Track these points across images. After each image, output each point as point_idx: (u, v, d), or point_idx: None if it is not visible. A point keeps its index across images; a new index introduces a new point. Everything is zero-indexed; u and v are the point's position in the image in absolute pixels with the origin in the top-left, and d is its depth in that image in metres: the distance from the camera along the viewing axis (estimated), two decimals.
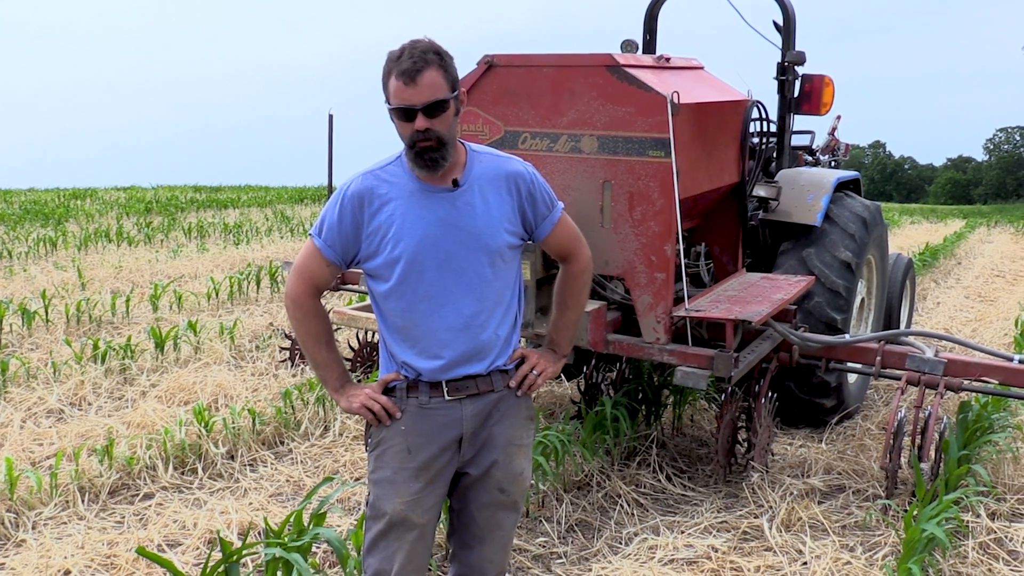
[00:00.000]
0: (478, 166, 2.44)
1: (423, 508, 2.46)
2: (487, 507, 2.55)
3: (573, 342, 2.73)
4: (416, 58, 2.24)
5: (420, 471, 2.44)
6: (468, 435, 2.47)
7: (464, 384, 2.44)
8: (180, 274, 10.43)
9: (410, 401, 2.45)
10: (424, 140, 2.29)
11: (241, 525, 4.04)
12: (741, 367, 4.12)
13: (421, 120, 2.27)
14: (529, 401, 2.60)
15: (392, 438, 2.46)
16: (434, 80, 2.26)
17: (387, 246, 2.37)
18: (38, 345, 7.05)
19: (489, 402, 2.48)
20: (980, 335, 8.29)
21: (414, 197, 2.38)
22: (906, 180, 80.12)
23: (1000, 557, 3.86)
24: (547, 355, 2.64)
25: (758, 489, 4.46)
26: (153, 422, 5.18)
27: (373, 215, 2.38)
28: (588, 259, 2.66)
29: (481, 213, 2.40)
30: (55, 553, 3.72)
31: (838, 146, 7.33)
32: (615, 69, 4.13)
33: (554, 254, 2.65)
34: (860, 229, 5.33)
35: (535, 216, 2.51)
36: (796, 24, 5.78)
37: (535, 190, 2.50)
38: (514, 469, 2.54)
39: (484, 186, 2.43)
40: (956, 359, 4.51)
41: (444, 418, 2.44)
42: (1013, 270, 13.11)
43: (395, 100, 2.28)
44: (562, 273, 2.68)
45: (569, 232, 2.61)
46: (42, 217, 15.22)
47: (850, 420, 5.61)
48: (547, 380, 2.60)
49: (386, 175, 2.42)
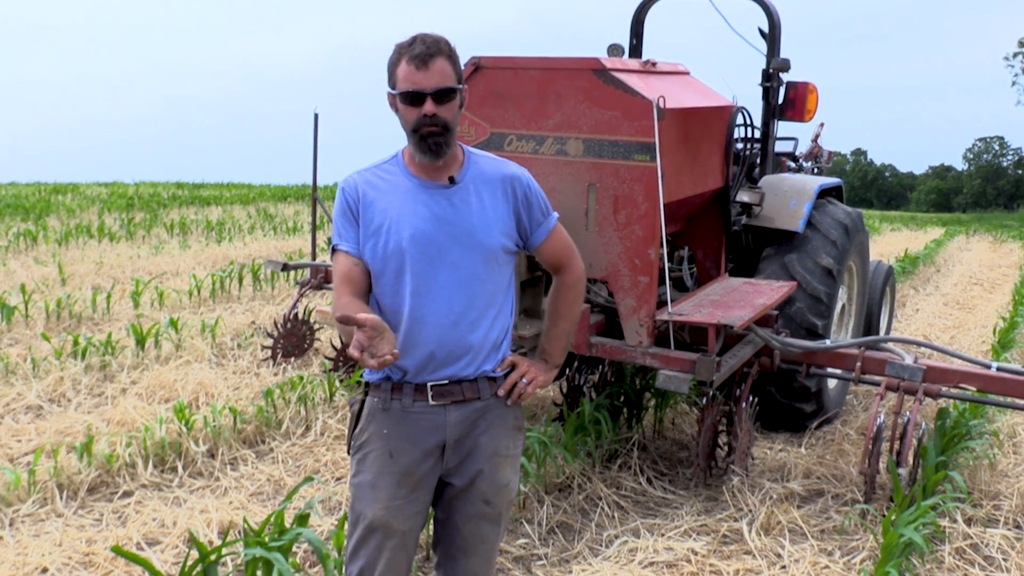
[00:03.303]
0: (475, 167, 2.45)
1: (405, 515, 2.43)
2: (471, 519, 2.51)
3: (566, 352, 2.71)
4: (429, 44, 2.28)
5: (403, 476, 2.41)
6: (452, 442, 2.43)
7: (449, 389, 2.41)
8: (162, 271, 10.36)
9: (393, 404, 2.42)
10: (431, 125, 2.30)
11: (221, 524, 4.02)
12: (723, 371, 4.14)
13: (430, 104, 2.28)
14: (518, 411, 2.57)
15: (374, 441, 2.44)
16: (444, 68, 2.30)
17: (381, 240, 2.37)
18: (17, 340, 6.99)
19: (475, 410, 2.44)
20: (958, 342, 8.37)
21: (410, 193, 2.39)
22: (887, 187, 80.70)
23: (976, 562, 3.90)
24: (538, 364, 2.61)
25: (738, 493, 4.49)
26: (133, 419, 5.15)
27: (368, 207, 2.39)
28: (581, 270, 2.65)
29: (476, 211, 2.40)
30: (32, 550, 3.70)
31: (821, 153, 7.39)
32: (602, 73, 4.15)
33: (547, 264, 2.63)
34: (842, 236, 5.38)
35: (530, 222, 2.51)
36: (781, 31, 5.82)
37: (531, 195, 2.51)
38: (500, 480, 2.51)
39: (480, 186, 2.43)
40: (935, 366, 4.56)
41: (427, 423, 2.41)
42: (991, 278, 13.24)
43: (405, 84, 2.29)
44: (555, 284, 2.66)
45: (563, 242, 2.60)
46: (22, 211, 15.07)
47: (829, 425, 5.65)
48: (537, 389, 2.58)
49: (383, 172, 2.44)
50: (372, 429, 2.44)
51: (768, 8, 5.78)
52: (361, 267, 2.41)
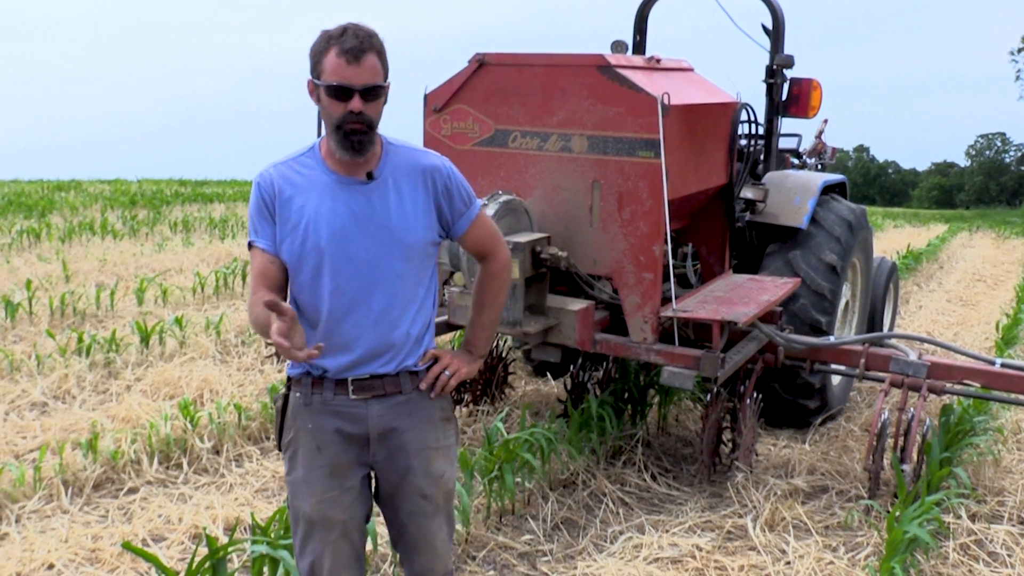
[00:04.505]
0: (394, 158, 2.38)
1: (342, 505, 2.42)
2: (414, 516, 2.50)
3: (491, 343, 2.64)
4: (362, 39, 2.20)
5: (333, 468, 2.41)
6: (375, 435, 2.41)
7: (370, 384, 2.38)
8: (165, 268, 10.37)
9: (314, 398, 2.40)
10: (355, 122, 2.23)
11: (227, 520, 4.03)
12: (727, 368, 4.14)
13: (357, 101, 2.21)
14: (445, 402, 2.54)
15: (301, 437, 2.43)
16: (375, 65, 2.23)
17: (298, 238, 2.31)
18: (21, 337, 7.00)
19: (397, 404, 2.42)
20: (962, 338, 8.36)
21: (327, 190, 2.32)
22: (889, 184, 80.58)
23: (980, 558, 3.90)
24: (462, 356, 2.57)
25: (742, 489, 4.50)
26: (138, 416, 5.16)
27: (285, 204, 2.33)
28: (507, 259, 2.61)
29: (395, 207, 2.35)
30: (38, 547, 3.71)
31: (824, 149, 7.38)
32: (606, 69, 4.15)
33: (472, 252, 2.60)
34: (846, 232, 5.37)
35: (452, 212, 2.46)
36: (785, 27, 5.81)
37: (452, 185, 2.44)
38: (434, 472, 2.48)
39: (399, 179, 2.37)
40: (939, 362, 4.56)
41: (349, 416, 2.39)
42: (994, 275, 13.23)
43: (332, 77, 2.20)
44: (480, 273, 2.62)
45: (487, 230, 2.56)
46: (25, 208, 15.09)
47: (833, 421, 5.66)
48: (461, 381, 2.54)
49: (299, 166, 2.37)
50: (298, 425, 2.44)
51: (772, 4, 5.77)
52: (277, 264, 2.36)
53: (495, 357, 5.66)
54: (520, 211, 4.29)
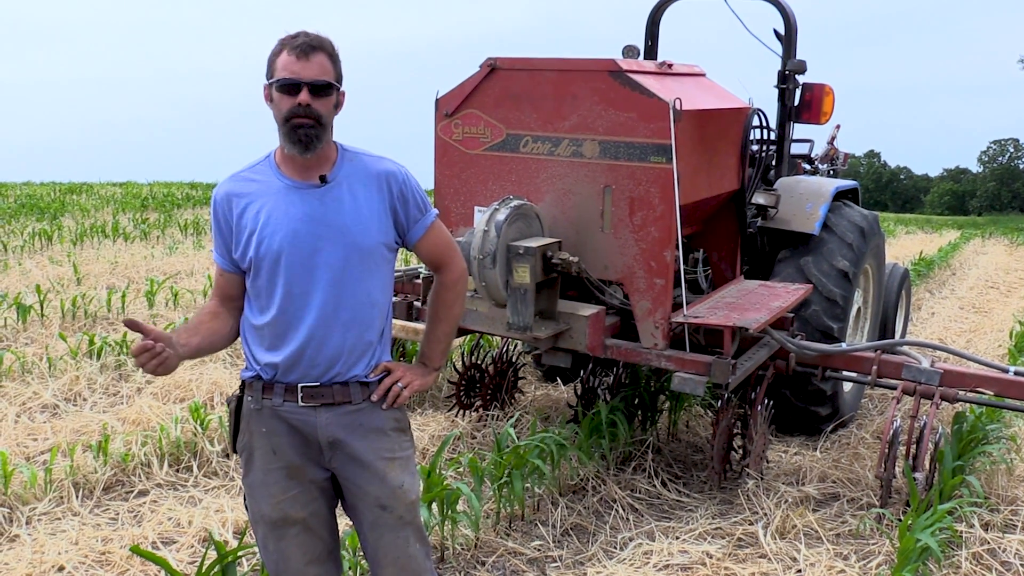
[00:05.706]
0: (348, 164, 2.41)
1: (301, 503, 2.43)
2: (375, 528, 2.47)
3: (447, 355, 2.64)
4: (312, 39, 2.29)
5: (290, 470, 2.42)
6: (325, 443, 2.40)
7: (320, 391, 2.38)
8: (176, 271, 10.41)
9: (264, 403, 2.40)
10: (303, 116, 2.27)
11: (236, 524, 4.03)
12: (738, 374, 4.12)
13: (305, 94, 2.26)
14: (398, 412, 2.51)
15: (256, 439, 2.43)
16: (324, 63, 2.30)
17: (253, 244, 2.34)
18: (33, 340, 7.04)
19: (346, 413, 2.40)
20: (974, 346, 8.32)
21: (281, 195, 2.35)
22: (902, 190, 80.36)
23: (993, 568, 3.87)
24: (416, 368, 2.55)
25: (753, 496, 4.47)
26: (148, 419, 5.18)
27: (240, 214, 2.37)
28: (462, 270, 2.59)
29: (350, 209, 2.36)
30: (49, 549, 3.72)
31: (837, 155, 7.35)
32: (618, 74, 4.14)
33: (426, 262, 2.59)
34: (858, 238, 5.35)
35: (407, 218, 2.46)
36: (797, 33, 5.80)
37: (407, 191, 2.45)
38: (391, 482, 2.45)
39: (354, 184, 2.39)
40: (952, 370, 4.52)
41: (298, 422, 2.39)
42: (1007, 282, 13.15)
43: (282, 72, 2.27)
44: (435, 284, 2.61)
45: (442, 239, 2.55)
46: (37, 211, 15.17)
47: (845, 429, 5.62)
48: (414, 393, 2.51)
49: (253, 175, 2.41)
50: (252, 429, 2.44)
51: (784, 9, 5.75)
52: (228, 278, 2.45)
53: (505, 362, 5.64)
54: (531, 216, 4.28)
